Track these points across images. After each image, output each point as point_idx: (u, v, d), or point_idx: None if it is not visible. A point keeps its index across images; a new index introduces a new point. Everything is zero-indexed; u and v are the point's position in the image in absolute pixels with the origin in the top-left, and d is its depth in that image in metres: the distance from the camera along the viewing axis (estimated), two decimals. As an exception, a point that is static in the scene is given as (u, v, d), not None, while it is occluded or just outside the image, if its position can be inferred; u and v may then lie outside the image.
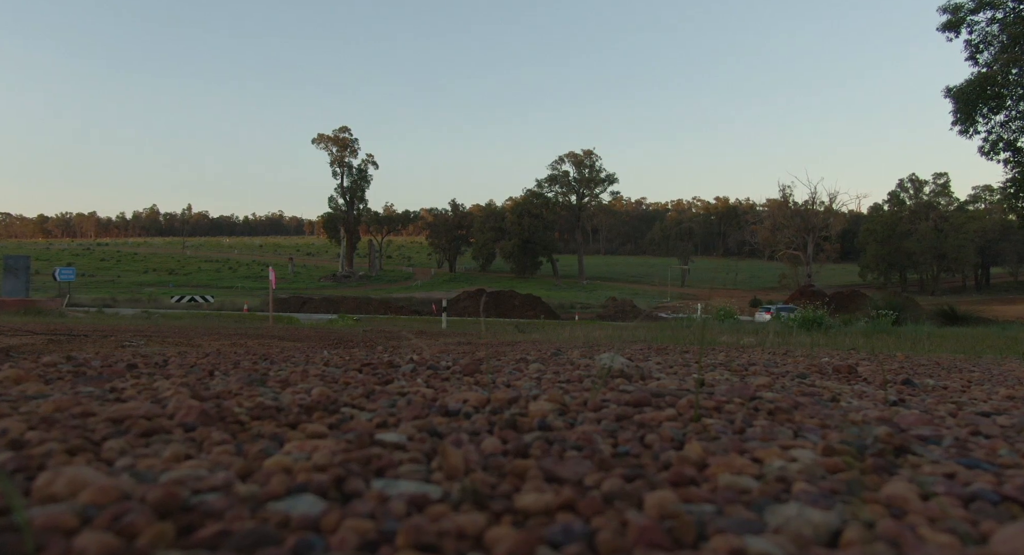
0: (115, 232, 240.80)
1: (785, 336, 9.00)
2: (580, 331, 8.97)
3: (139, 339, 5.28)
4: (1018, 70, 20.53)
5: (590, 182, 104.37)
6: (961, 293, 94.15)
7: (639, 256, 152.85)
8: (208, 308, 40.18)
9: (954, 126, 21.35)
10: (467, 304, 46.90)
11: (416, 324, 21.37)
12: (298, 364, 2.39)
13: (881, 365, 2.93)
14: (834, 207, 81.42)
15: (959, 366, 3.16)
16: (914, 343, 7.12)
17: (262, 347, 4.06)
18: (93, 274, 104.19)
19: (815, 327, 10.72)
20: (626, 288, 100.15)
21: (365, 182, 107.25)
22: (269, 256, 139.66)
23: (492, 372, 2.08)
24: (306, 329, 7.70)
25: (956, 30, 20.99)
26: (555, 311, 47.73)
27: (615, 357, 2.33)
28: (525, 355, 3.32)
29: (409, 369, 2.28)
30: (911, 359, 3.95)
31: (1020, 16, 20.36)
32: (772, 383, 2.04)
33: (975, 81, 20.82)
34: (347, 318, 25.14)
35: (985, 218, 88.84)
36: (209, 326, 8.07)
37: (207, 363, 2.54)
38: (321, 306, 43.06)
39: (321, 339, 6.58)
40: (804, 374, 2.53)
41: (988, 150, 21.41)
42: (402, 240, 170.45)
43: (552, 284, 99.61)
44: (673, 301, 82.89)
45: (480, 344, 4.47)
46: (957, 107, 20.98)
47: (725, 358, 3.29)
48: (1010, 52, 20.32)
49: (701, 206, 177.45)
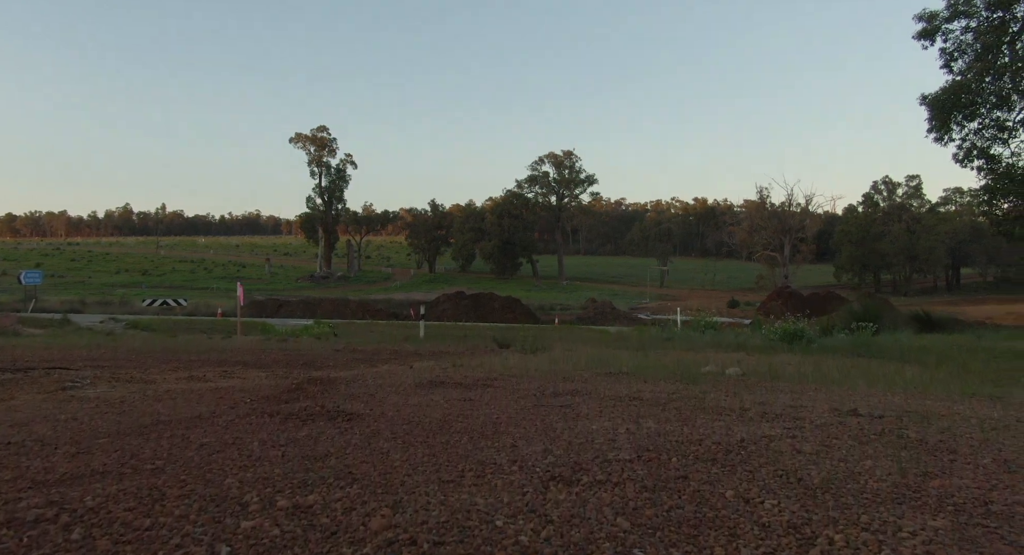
0: (87, 231, 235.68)
1: (769, 354, 8.86)
2: (559, 349, 8.73)
3: (88, 372, 4.92)
4: (991, 78, 20.78)
5: (570, 183, 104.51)
6: (932, 294, 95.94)
7: (619, 256, 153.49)
8: (180, 312, 39.27)
9: (929, 134, 21.56)
10: (447, 307, 46.52)
11: (394, 332, 20.99)
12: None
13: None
14: (810, 208, 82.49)
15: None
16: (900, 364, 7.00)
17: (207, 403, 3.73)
18: (63, 275, 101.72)
19: (796, 340, 10.62)
20: (605, 288, 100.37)
21: (344, 182, 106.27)
22: (246, 256, 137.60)
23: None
24: (274, 351, 7.36)
25: (931, 38, 21.19)
26: (535, 313, 47.54)
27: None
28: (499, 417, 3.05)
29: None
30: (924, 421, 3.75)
31: (993, 25, 20.60)
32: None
33: (949, 89, 21.02)
34: (323, 324, 24.64)
35: (956, 220, 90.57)
36: (174, 346, 7.68)
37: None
38: (297, 309, 42.40)
39: (287, 364, 6.26)
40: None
41: (962, 158, 21.65)
42: (381, 240, 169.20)
43: (532, 285, 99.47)
44: (652, 302, 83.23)
45: (453, 384, 4.19)
46: (932, 115, 21.17)
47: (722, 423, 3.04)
48: (983, 60, 20.55)
49: (680, 207, 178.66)
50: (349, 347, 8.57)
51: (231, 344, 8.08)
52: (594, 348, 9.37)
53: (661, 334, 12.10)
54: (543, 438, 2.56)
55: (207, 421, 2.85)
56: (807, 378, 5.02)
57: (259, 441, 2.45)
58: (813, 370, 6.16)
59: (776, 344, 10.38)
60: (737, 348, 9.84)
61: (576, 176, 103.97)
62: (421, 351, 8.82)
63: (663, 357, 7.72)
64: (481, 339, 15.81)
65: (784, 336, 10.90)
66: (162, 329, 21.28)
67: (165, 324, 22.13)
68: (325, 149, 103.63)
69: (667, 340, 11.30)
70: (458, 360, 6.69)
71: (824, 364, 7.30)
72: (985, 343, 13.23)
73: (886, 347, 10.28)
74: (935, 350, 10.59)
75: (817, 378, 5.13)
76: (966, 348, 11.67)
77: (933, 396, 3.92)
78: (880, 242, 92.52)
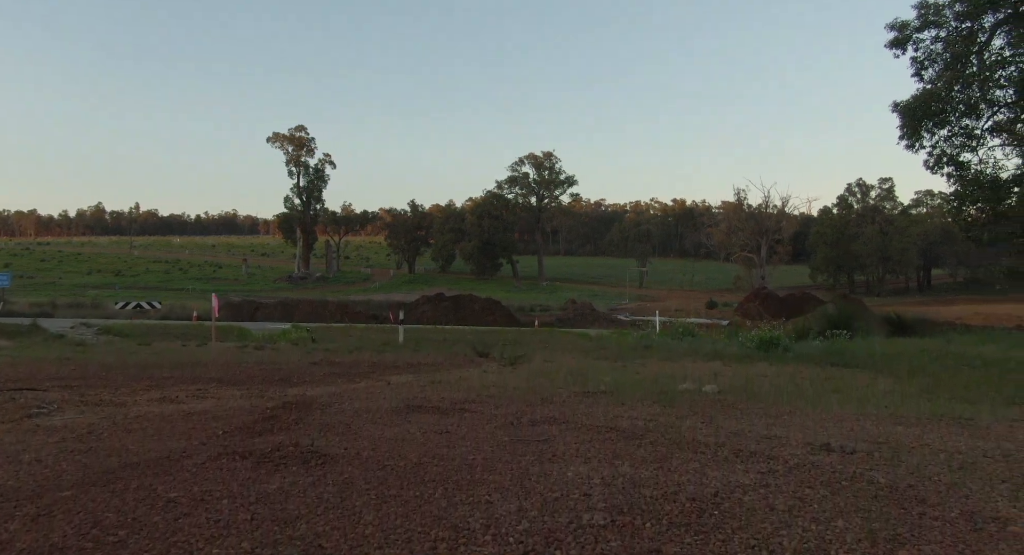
0: (57, 231, 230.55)
1: (746, 363, 8.96)
2: (538, 360, 8.73)
3: (57, 393, 4.80)
4: (960, 87, 21.28)
5: (550, 184, 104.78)
6: (905, 294, 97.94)
7: (598, 257, 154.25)
8: (155, 315, 38.57)
9: (901, 141, 22.03)
10: (426, 309, 46.36)
11: (373, 337, 20.84)
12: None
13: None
14: (787, 210, 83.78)
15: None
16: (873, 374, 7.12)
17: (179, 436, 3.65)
18: (32, 275, 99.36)
19: (772, 348, 10.76)
20: (585, 289, 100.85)
21: (322, 182, 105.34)
22: (222, 256, 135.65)
23: None
24: (249, 365, 7.26)
25: (903, 47, 21.64)
26: (515, 315, 47.57)
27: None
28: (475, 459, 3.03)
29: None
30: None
31: (962, 35, 21.10)
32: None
33: (920, 97, 21.49)
34: (300, 328, 24.41)
35: (927, 222, 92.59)
36: (146, 361, 7.53)
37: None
38: (275, 312, 41.88)
39: (263, 380, 6.17)
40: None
41: (933, 164, 22.16)
42: (360, 240, 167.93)
43: (512, 285, 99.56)
44: (631, 303, 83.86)
45: (430, 408, 4.17)
46: (904, 122, 21.62)
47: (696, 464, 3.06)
48: (953, 69, 21.04)
49: (659, 207, 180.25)
50: (327, 359, 8.48)
51: (206, 355, 7.94)
52: (574, 358, 9.40)
53: (640, 341, 12.18)
54: (518, 490, 2.56)
55: (176, 464, 2.80)
56: (783, 395, 5.09)
57: (228, 497, 2.41)
58: (788, 383, 6.24)
59: (752, 352, 10.50)
60: (714, 357, 9.94)
61: (556, 177, 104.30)
62: (399, 362, 8.77)
63: (642, 369, 7.77)
64: (461, 345, 15.77)
65: (760, 344, 11.04)
66: (136, 334, 20.88)
67: (139, 329, 21.69)
68: (303, 149, 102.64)
69: (646, 348, 11.38)
70: (437, 375, 6.66)
71: (799, 376, 7.40)
72: (954, 348, 13.54)
73: (859, 355, 10.47)
74: (906, 357, 10.81)
75: (792, 394, 5.20)
76: (936, 354, 11.93)
77: (904, 419, 4.00)
78: (854, 244, 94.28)
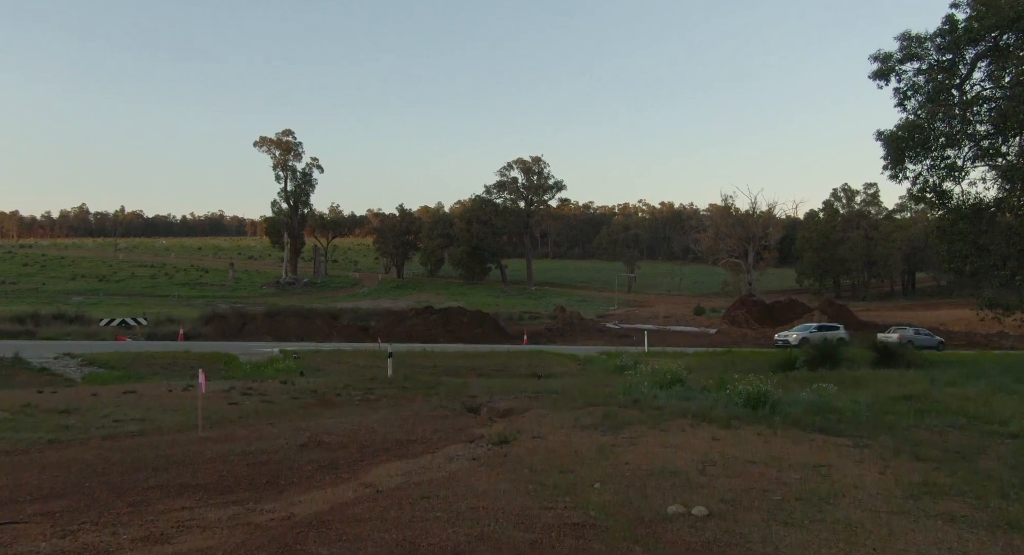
0: (40, 232, 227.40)
1: (732, 429, 9.09)
2: (526, 437, 8.81)
3: (37, 529, 4.76)
4: (942, 118, 21.60)
5: (539, 189, 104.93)
6: (889, 298, 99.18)
7: (587, 260, 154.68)
8: (141, 332, 38.25)
9: (885, 170, 22.32)
10: (415, 323, 46.46)
11: (361, 369, 20.79)
12: None
13: None
14: (774, 214, 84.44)
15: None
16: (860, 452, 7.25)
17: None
18: (15, 281, 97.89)
19: (760, 406, 10.91)
20: (573, 294, 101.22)
21: (310, 186, 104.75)
22: (208, 260, 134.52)
23: None
24: (236, 460, 7.23)
25: (886, 78, 21.92)
26: (504, 328, 47.70)
27: None
28: None
29: None
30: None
31: (943, 67, 21.43)
32: None
33: (904, 127, 21.79)
34: (288, 355, 24.39)
35: (911, 227, 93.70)
36: (131, 459, 7.46)
37: None
38: (263, 327, 41.56)
39: (251, 484, 6.17)
40: None
41: (917, 193, 22.49)
42: (348, 243, 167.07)
43: (501, 290, 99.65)
44: (620, 308, 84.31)
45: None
46: (888, 152, 21.92)
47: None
48: (935, 101, 21.36)
49: (647, 210, 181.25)
50: (315, 437, 8.50)
51: (191, 448, 7.88)
52: (564, 430, 9.49)
53: (627, 395, 12.27)
54: None
55: None
56: (776, 514, 5.18)
57: None
58: (775, 484, 6.33)
59: (740, 412, 10.65)
60: (703, 418, 10.10)
61: (545, 182, 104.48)
62: (388, 440, 8.79)
63: (631, 450, 7.86)
64: (449, 388, 15.82)
65: (748, 401, 11.17)
66: (121, 366, 20.82)
67: (124, 360, 21.58)
68: (290, 153, 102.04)
69: (635, 403, 11.47)
70: (427, 473, 6.70)
71: (789, 456, 7.56)
72: (938, 393, 13.85)
73: (845, 415, 10.70)
74: (891, 415, 11.04)
75: (784, 514, 5.30)
76: (921, 406, 12.20)
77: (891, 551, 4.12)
78: (840, 248, 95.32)
